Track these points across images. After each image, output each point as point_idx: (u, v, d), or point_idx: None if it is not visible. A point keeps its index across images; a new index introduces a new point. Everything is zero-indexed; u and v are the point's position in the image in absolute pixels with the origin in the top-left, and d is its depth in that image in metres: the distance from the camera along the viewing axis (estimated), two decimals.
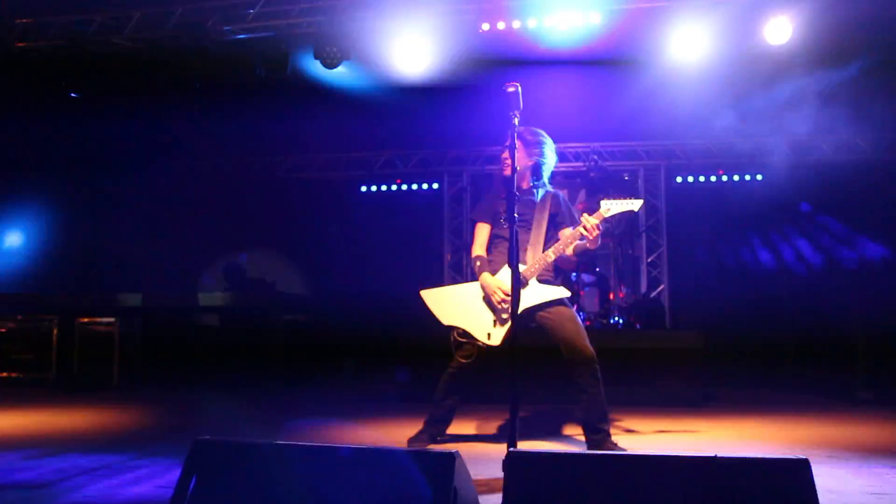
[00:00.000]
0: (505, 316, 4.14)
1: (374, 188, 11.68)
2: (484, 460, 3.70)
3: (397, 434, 5.23)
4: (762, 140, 10.29)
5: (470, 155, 11.32)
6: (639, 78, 8.39)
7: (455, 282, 11.20)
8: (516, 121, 3.24)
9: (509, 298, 3.56)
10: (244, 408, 6.68)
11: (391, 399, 7.26)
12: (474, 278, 4.38)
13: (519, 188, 4.32)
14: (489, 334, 4.19)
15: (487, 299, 4.22)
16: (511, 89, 3.16)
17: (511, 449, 2.07)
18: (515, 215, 3.09)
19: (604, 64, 8.26)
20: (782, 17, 7.44)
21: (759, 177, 10.67)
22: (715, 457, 1.97)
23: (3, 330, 8.57)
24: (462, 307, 4.23)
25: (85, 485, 3.42)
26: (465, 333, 4.21)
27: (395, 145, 10.95)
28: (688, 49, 7.98)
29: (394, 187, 11.67)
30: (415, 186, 11.68)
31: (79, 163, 9.51)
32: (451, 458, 1.94)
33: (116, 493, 3.26)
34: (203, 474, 2.05)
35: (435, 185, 11.59)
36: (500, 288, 4.13)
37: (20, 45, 9.07)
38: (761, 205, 10.66)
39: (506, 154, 3.83)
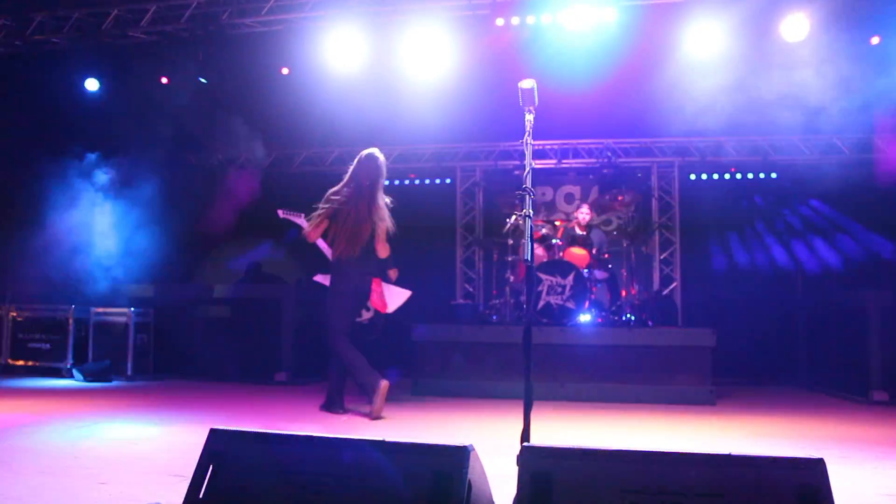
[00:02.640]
0: None
1: (386, 182, 11.66)
2: (495, 454, 3.71)
3: (410, 426, 5.26)
4: (776, 138, 10.23)
5: (483, 150, 11.31)
6: (653, 74, 8.35)
7: (468, 278, 11.23)
8: (531, 117, 3.23)
9: None
10: (256, 398, 6.73)
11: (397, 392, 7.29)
12: (488, 273, 4.40)
13: None
14: None
15: None
16: (527, 85, 3.15)
17: (525, 443, 2.08)
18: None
19: (618, 60, 8.24)
20: (799, 14, 7.40)
21: (773, 174, 10.62)
22: (729, 455, 1.97)
23: (21, 318, 8.67)
24: None
25: (100, 473, 3.45)
26: None
27: (408, 140, 10.95)
28: (703, 45, 7.95)
29: (406, 182, 11.69)
30: (427, 181, 11.69)
31: (94, 155, 9.57)
32: (466, 451, 1.95)
33: (131, 482, 3.29)
34: (220, 463, 2.07)
35: (448, 181, 11.59)
36: None
37: (38, 38, 9.16)
38: (775, 203, 10.62)
39: None
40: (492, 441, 4.24)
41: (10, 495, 3.01)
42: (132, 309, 8.34)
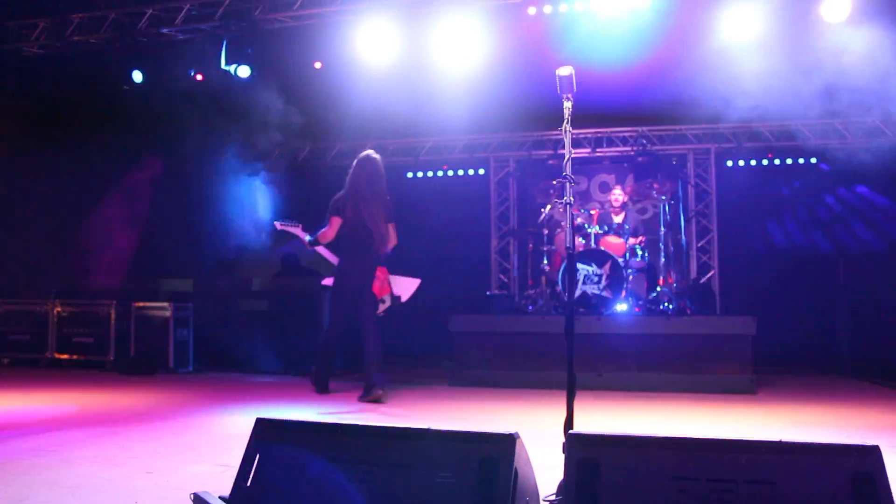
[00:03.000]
0: None
1: (419, 174, 11.72)
2: (535, 444, 3.70)
3: (447, 416, 5.28)
4: (814, 122, 10.01)
5: (516, 140, 11.26)
6: (688, 60, 8.22)
7: (502, 268, 11.21)
8: (569, 104, 3.20)
9: None
10: (294, 389, 6.80)
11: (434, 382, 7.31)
12: (523, 263, 4.39)
13: None
14: None
15: None
16: (565, 72, 3.12)
17: (571, 431, 2.07)
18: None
19: (652, 46, 8.12)
20: None
21: (812, 160, 10.41)
22: (780, 442, 1.94)
23: (65, 314, 8.86)
24: None
25: (147, 462, 3.52)
26: None
27: (440, 131, 10.93)
28: (739, 28, 7.81)
29: (440, 173, 11.69)
30: (461, 172, 11.68)
31: (136, 153, 9.74)
32: (512, 439, 1.95)
33: (177, 471, 3.35)
34: (266, 452, 2.10)
35: (481, 171, 11.57)
36: None
37: (76, 38, 9.32)
38: (814, 188, 10.42)
39: None
40: (531, 431, 4.22)
41: (66, 484, 3.09)
42: (172, 303, 8.49)
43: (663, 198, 8.71)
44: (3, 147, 9.42)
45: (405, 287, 6.69)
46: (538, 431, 3.81)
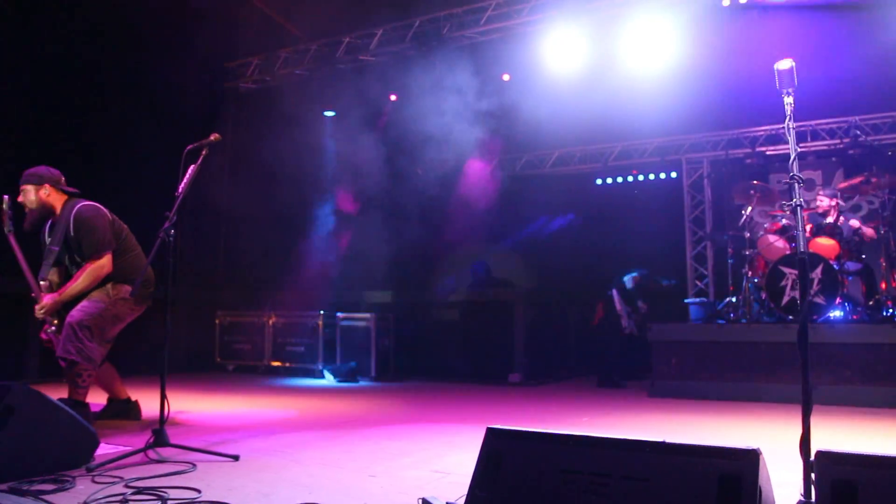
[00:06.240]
0: None
1: (608, 180, 11.54)
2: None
3: (650, 428, 5.13)
4: None
5: (709, 140, 10.77)
6: None
7: (699, 274, 10.73)
8: (790, 99, 3.00)
9: None
10: (494, 398, 6.91)
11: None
12: (722, 268, 4.16)
13: None
14: None
15: None
16: (784, 65, 2.94)
17: (822, 449, 1.94)
18: None
19: (862, 29, 7.47)
20: None
21: None
22: None
23: (279, 324, 9.61)
24: None
25: (369, 466, 3.72)
26: None
27: (629, 135, 10.70)
28: None
29: (629, 178, 11.44)
30: (651, 176, 11.36)
31: (336, 174, 10.42)
32: (755, 454, 1.85)
33: (397, 476, 3.51)
34: (499, 461, 2.14)
35: (673, 175, 11.18)
36: None
37: (283, 72, 10.16)
38: None
39: None
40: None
41: (302, 482, 3.34)
42: (374, 314, 8.94)
43: (881, 193, 7.94)
44: (227, 176, 10.42)
45: None
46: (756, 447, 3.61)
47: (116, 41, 8.63)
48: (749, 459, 1.84)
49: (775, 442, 4.27)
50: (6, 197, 4.90)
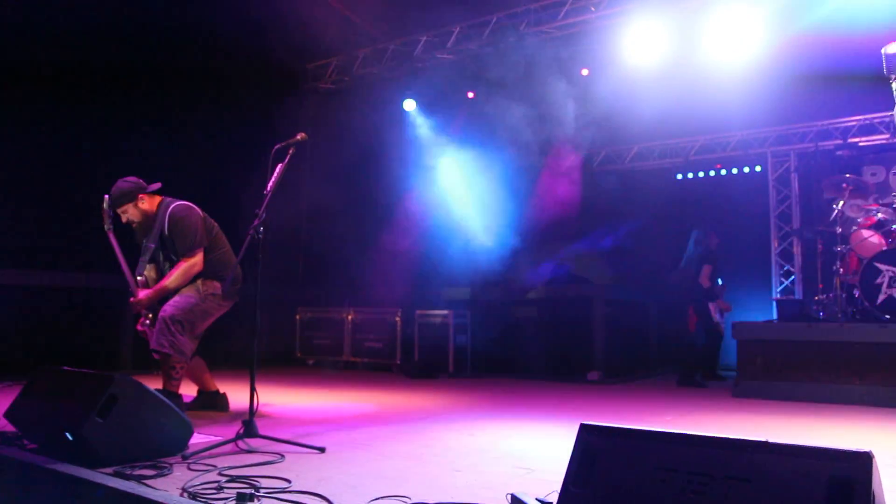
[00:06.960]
0: None
1: (689, 175, 11.26)
2: None
3: (734, 429, 4.98)
4: None
5: (796, 133, 10.38)
6: None
7: (785, 271, 10.36)
8: None
9: None
10: (573, 395, 6.84)
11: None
12: (810, 265, 4.00)
13: None
14: None
15: None
16: (892, 49, 2.80)
17: None
18: None
19: None
20: None
21: None
22: None
23: (358, 321, 9.76)
24: None
25: (453, 461, 3.74)
26: None
27: (711, 129, 10.41)
28: None
29: (712, 173, 11.13)
30: (734, 171, 11.01)
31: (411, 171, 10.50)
32: (869, 457, 1.77)
33: (481, 471, 3.51)
34: (593, 458, 2.12)
35: (757, 168, 10.81)
36: None
37: (360, 72, 10.30)
38: None
39: None
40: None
41: (388, 475, 3.39)
42: (451, 311, 8.97)
43: None
44: (308, 174, 10.65)
45: None
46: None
47: (202, 46, 8.92)
48: (862, 462, 1.76)
49: (871, 446, 4.08)
50: (106, 196, 5.12)
